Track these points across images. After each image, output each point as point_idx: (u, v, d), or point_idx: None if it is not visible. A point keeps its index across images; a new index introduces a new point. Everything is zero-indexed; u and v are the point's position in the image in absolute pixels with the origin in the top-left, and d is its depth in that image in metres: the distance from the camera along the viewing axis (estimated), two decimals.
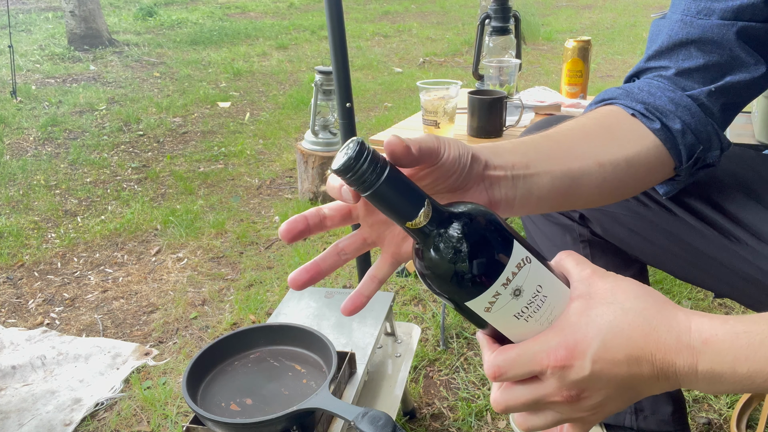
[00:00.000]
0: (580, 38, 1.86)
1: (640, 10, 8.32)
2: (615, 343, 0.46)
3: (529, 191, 0.57)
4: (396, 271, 2.03)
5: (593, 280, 0.50)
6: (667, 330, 0.46)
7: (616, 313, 0.47)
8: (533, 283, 0.48)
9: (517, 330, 0.49)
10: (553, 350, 0.47)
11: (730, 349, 0.44)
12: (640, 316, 0.46)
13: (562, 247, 0.93)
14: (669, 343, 0.45)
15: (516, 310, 0.48)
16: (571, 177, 0.61)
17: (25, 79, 5.03)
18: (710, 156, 0.70)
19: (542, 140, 0.63)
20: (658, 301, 0.48)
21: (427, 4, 9.54)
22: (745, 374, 0.44)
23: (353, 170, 0.43)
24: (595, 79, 4.70)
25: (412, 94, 4.46)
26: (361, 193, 0.45)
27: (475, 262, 0.46)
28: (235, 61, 5.77)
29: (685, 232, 0.80)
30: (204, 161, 3.27)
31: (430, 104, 1.62)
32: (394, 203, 0.46)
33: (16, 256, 2.27)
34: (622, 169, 0.64)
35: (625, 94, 0.70)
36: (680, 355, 0.45)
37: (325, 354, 0.97)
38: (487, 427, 1.38)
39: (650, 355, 0.46)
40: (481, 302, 0.47)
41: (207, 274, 2.10)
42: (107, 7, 8.96)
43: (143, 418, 1.46)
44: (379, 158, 0.45)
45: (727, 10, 0.67)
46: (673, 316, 0.47)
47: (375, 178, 0.44)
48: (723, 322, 0.45)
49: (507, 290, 0.47)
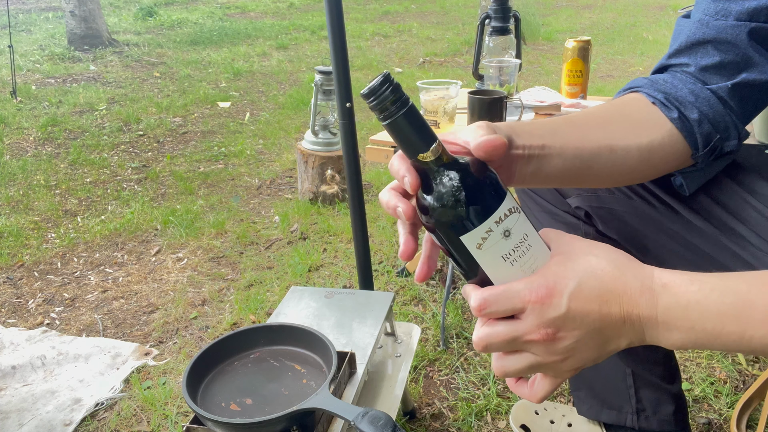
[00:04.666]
0: (580, 38, 1.86)
1: (640, 10, 8.32)
2: (589, 284, 0.52)
3: (539, 168, 0.64)
4: (396, 272, 2.03)
5: (572, 240, 0.57)
6: (634, 276, 0.52)
7: (590, 261, 0.53)
8: (521, 229, 0.54)
9: (503, 273, 0.54)
10: (534, 289, 0.52)
11: (684, 292, 0.50)
12: (612, 263, 0.53)
13: None
14: (634, 286, 0.52)
15: (504, 251, 0.54)
16: (582, 159, 0.66)
17: (25, 79, 5.03)
18: (728, 145, 0.73)
19: (562, 123, 0.68)
20: (629, 256, 0.55)
21: (427, 4, 9.54)
22: (697, 319, 0.49)
23: (376, 95, 0.50)
24: (595, 79, 4.70)
25: (412, 94, 4.43)
26: (381, 120, 0.51)
27: (474, 196, 0.52)
28: (235, 61, 5.77)
29: (690, 232, 0.80)
30: (204, 161, 3.27)
31: (430, 104, 1.62)
32: (410, 134, 0.52)
33: (16, 256, 2.27)
34: (634, 156, 0.69)
35: (649, 84, 0.74)
36: (643, 296, 0.51)
37: (325, 354, 0.97)
38: (487, 427, 1.38)
39: (618, 297, 0.52)
40: (474, 237, 0.53)
41: (207, 274, 2.10)
42: (107, 7, 8.97)
43: (143, 418, 1.46)
44: (402, 94, 0.51)
45: (743, 12, 0.69)
46: (639, 266, 0.54)
47: (396, 110, 0.50)
48: (682, 273, 0.52)
49: (498, 228, 0.53)
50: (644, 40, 6.26)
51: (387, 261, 2.12)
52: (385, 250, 2.20)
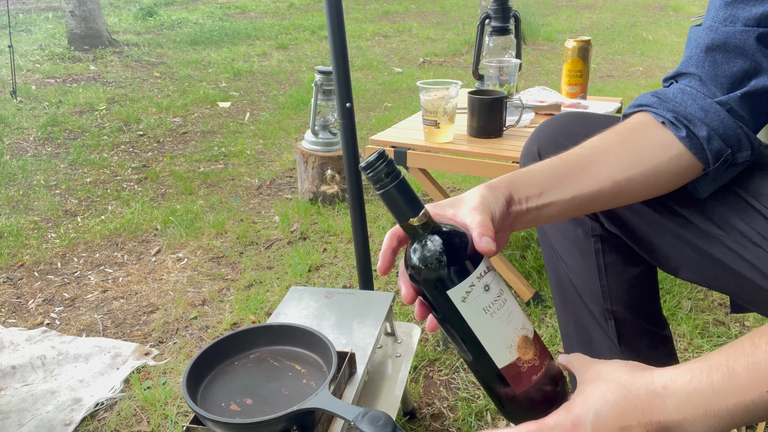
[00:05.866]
0: (580, 38, 1.86)
1: (640, 10, 8.31)
2: (605, 411, 0.58)
3: (539, 215, 0.68)
4: (396, 272, 2.03)
5: (588, 367, 0.63)
6: (638, 387, 0.57)
7: (601, 387, 0.59)
8: (497, 285, 0.63)
9: (485, 325, 0.62)
10: (562, 424, 0.59)
11: (682, 386, 0.55)
12: (617, 383, 0.59)
13: (573, 240, 0.93)
14: (642, 397, 0.57)
15: (485, 304, 0.61)
16: (582, 198, 0.69)
17: (25, 79, 5.03)
18: (741, 156, 0.73)
19: (560, 164, 0.71)
20: (632, 368, 0.60)
21: (427, 4, 9.54)
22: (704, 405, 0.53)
23: (372, 168, 0.58)
24: (595, 79, 4.70)
25: (412, 94, 4.46)
26: (377, 190, 0.60)
27: (459, 255, 0.61)
28: (235, 61, 5.77)
29: (695, 233, 0.79)
30: (204, 161, 3.27)
31: (430, 104, 1.62)
32: (401, 203, 0.60)
33: (16, 256, 2.27)
34: (638, 182, 0.71)
35: (658, 102, 0.74)
36: (652, 404, 0.56)
37: (325, 354, 0.97)
38: (487, 427, 1.38)
39: (632, 412, 0.56)
40: (459, 291, 0.60)
41: (207, 274, 2.10)
42: (107, 7, 8.96)
43: (143, 418, 1.46)
44: (394, 168, 0.59)
45: (751, 18, 0.69)
46: (640, 375, 0.58)
47: (389, 181, 0.59)
48: (675, 368, 0.57)
49: (480, 283, 0.61)
50: (644, 40, 6.26)
51: None
52: None
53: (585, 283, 0.95)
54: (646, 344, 0.98)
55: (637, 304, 0.96)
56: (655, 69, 5.08)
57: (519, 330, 0.64)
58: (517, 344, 0.63)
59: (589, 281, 0.94)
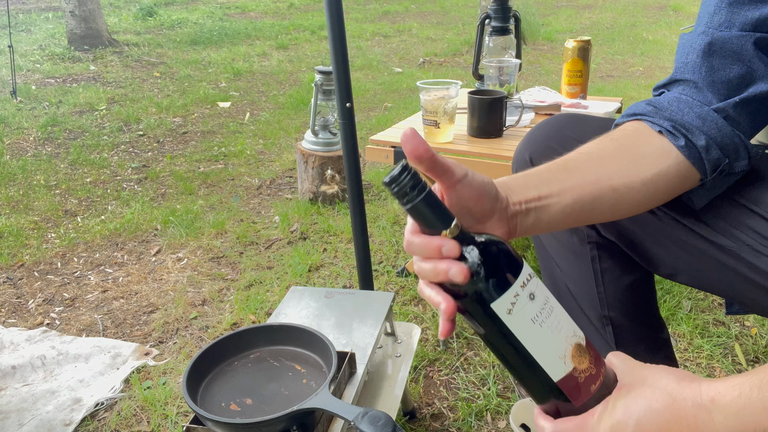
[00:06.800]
0: (580, 38, 1.86)
1: (640, 10, 8.32)
2: (646, 420, 0.56)
3: (539, 218, 0.65)
4: (396, 272, 2.03)
5: (633, 370, 0.61)
6: (683, 398, 0.55)
7: (646, 393, 0.57)
8: (542, 292, 0.58)
9: (534, 336, 0.57)
10: (601, 428, 0.58)
11: (731, 401, 0.53)
12: (664, 392, 0.57)
13: (569, 247, 0.93)
14: (687, 409, 0.55)
15: (532, 314, 0.56)
16: (582, 203, 0.67)
17: (25, 79, 5.03)
18: (737, 166, 0.72)
19: (557, 169, 0.69)
20: (679, 377, 0.58)
21: (427, 4, 9.54)
22: (752, 421, 0.52)
23: (397, 182, 0.53)
24: (595, 79, 4.70)
25: (412, 94, 4.46)
26: (403, 205, 0.54)
27: (499, 264, 0.56)
28: (235, 61, 5.77)
29: (695, 239, 0.79)
30: (204, 161, 3.27)
31: (430, 104, 1.62)
32: (431, 215, 0.55)
33: (16, 256, 2.27)
34: (638, 191, 0.69)
35: (653, 111, 0.72)
36: (698, 418, 0.54)
37: (325, 354, 0.97)
38: (487, 427, 1.38)
39: (677, 425, 0.55)
40: (504, 303, 0.56)
41: (207, 274, 2.10)
42: (107, 7, 8.96)
43: (143, 418, 1.46)
44: (420, 179, 0.53)
45: (747, 23, 0.68)
46: (687, 385, 0.56)
47: (416, 195, 0.53)
48: (724, 381, 0.55)
49: (524, 292, 0.56)
50: (644, 40, 6.26)
51: (387, 261, 2.12)
52: (385, 250, 2.20)
53: (582, 290, 0.95)
54: (645, 349, 0.98)
55: (634, 309, 0.96)
56: (655, 69, 5.08)
57: (571, 338, 0.59)
58: (571, 354, 0.59)
59: (585, 288, 0.94)
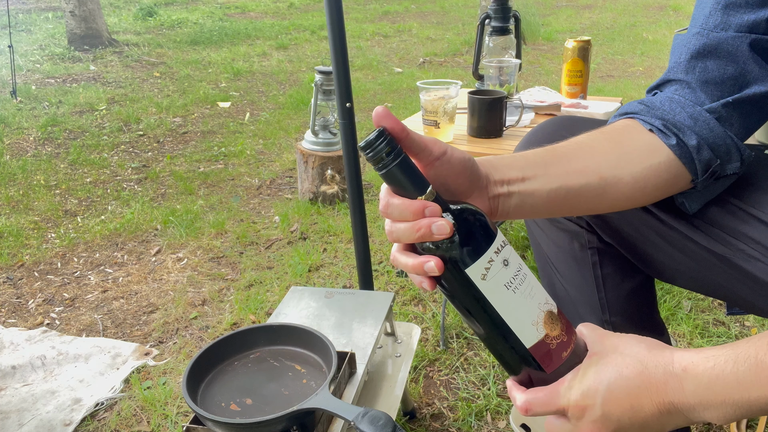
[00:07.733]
0: (580, 38, 1.86)
1: (640, 10, 8.31)
2: (617, 385, 0.57)
3: (523, 200, 0.65)
4: (396, 272, 2.03)
5: (603, 338, 0.61)
6: (655, 365, 0.56)
7: (617, 360, 0.58)
8: (515, 260, 0.59)
9: (508, 302, 0.58)
10: (572, 395, 0.58)
11: (703, 371, 0.53)
12: (635, 358, 0.57)
13: (570, 253, 0.93)
14: (658, 376, 0.55)
15: (506, 279, 0.58)
16: (567, 189, 0.67)
17: (25, 79, 5.03)
18: (729, 168, 0.71)
19: (544, 153, 0.68)
20: (650, 345, 0.58)
21: (427, 4, 9.54)
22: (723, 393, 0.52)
23: (372, 147, 0.54)
24: (595, 79, 4.70)
25: (412, 94, 4.46)
26: (378, 170, 0.55)
27: (473, 231, 0.57)
28: (235, 61, 5.77)
29: (694, 245, 0.79)
30: (204, 161, 3.27)
31: (430, 104, 1.62)
32: (405, 181, 0.56)
33: (16, 256, 2.27)
34: (626, 183, 0.69)
35: (646, 110, 0.72)
36: (668, 384, 0.55)
37: (325, 354, 0.97)
38: (487, 427, 1.38)
39: (646, 391, 0.56)
40: (478, 268, 0.57)
41: (207, 274, 2.10)
42: (107, 7, 8.96)
43: (143, 418, 1.46)
44: (396, 145, 0.55)
45: (742, 24, 0.68)
46: (659, 353, 0.57)
47: (391, 161, 0.54)
48: (698, 352, 0.55)
49: (498, 258, 0.57)
50: (644, 40, 6.26)
51: (387, 261, 2.12)
52: (385, 250, 2.20)
53: (582, 295, 0.94)
54: None
55: (636, 313, 0.96)
56: (655, 69, 5.08)
57: (543, 305, 0.60)
58: (543, 320, 0.60)
59: (587, 293, 0.94)
